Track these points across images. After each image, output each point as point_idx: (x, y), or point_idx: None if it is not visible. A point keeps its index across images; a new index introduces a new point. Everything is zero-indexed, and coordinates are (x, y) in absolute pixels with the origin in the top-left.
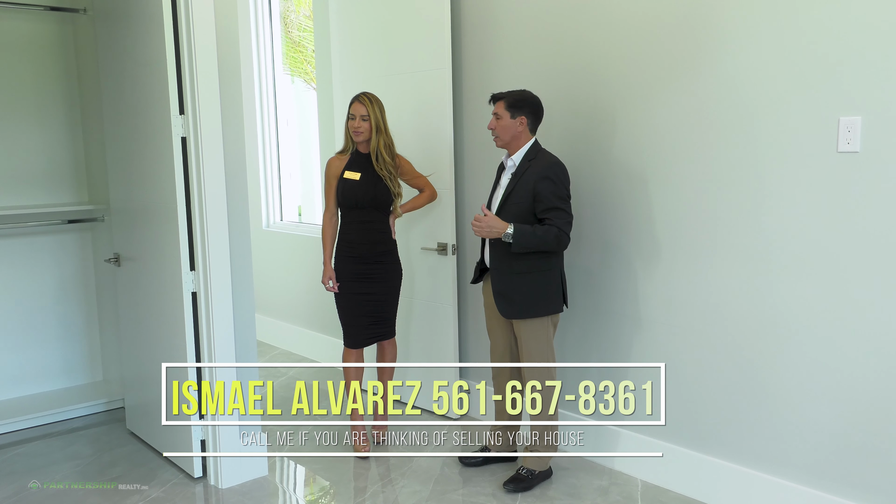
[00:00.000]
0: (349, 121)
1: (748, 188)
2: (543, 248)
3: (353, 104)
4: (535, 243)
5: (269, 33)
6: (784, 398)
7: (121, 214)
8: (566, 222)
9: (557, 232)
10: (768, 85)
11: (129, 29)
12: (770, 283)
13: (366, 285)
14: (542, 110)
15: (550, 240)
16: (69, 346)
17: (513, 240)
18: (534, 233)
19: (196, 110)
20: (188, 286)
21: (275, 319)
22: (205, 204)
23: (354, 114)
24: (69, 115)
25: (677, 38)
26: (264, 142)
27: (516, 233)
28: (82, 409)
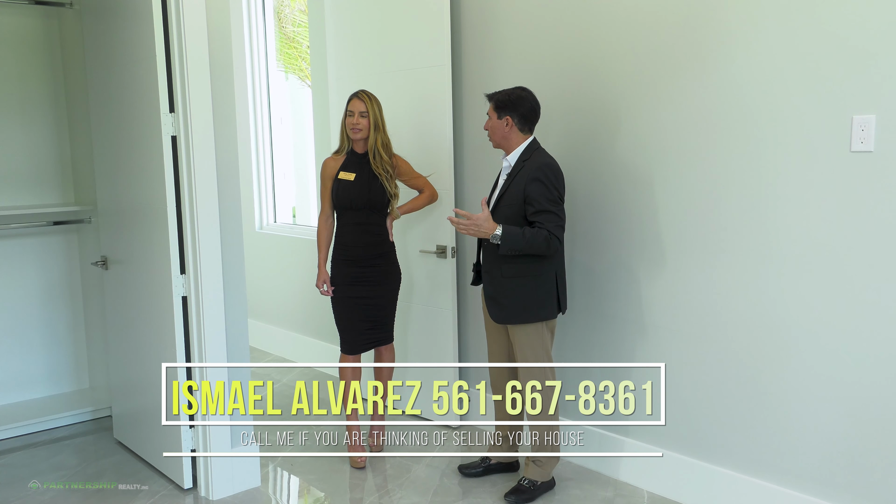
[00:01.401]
0: (347, 118)
1: (757, 189)
2: (532, 251)
3: (352, 101)
4: (523, 246)
5: (263, 28)
6: (799, 408)
7: (108, 216)
8: (557, 226)
9: (547, 235)
10: (779, 82)
11: (117, 23)
12: (781, 288)
13: (362, 289)
14: (535, 109)
15: (539, 243)
16: (54, 352)
17: (500, 241)
18: (522, 235)
19: (187, 108)
20: (178, 290)
21: (268, 325)
22: (195, 205)
23: (353, 110)
24: (55, 112)
25: (684, 34)
26: (257, 141)
27: (504, 234)
28: (68, 417)
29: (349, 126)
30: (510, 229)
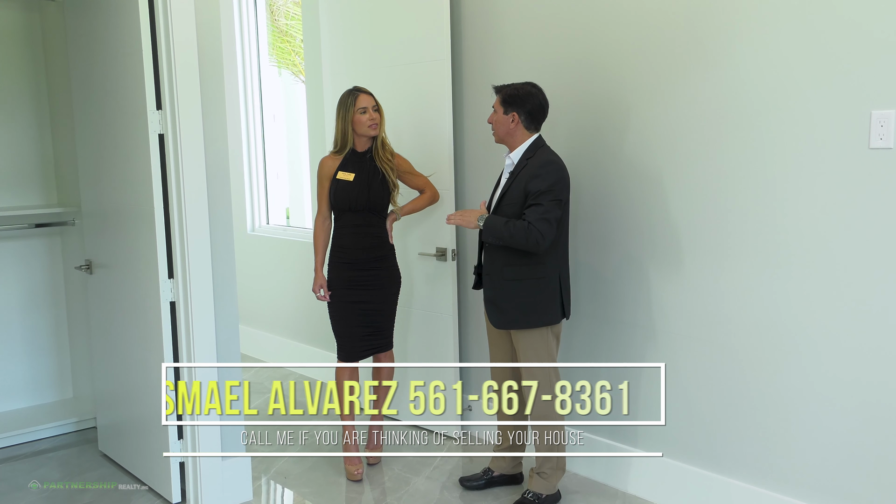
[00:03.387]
0: (357, 115)
1: (771, 188)
2: (513, 242)
3: (359, 97)
4: (502, 235)
5: (254, 22)
6: (825, 421)
7: (93, 218)
8: (540, 218)
9: (527, 226)
10: (794, 77)
11: (101, 15)
12: (802, 292)
13: (360, 293)
14: (543, 107)
15: (518, 233)
16: (36, 360)
17: (483, 228)
18: (504, 224)
19: (174, 105)
20: (166, 295)
21: (260, 331)
22: (184, 206)
23: (365, 106)
24: (36, 109)
25: (694, 27)
26: (249, 139)
27: (486, 222)
28: (50, 429)
29: (366, 123)
30: (493, 218)
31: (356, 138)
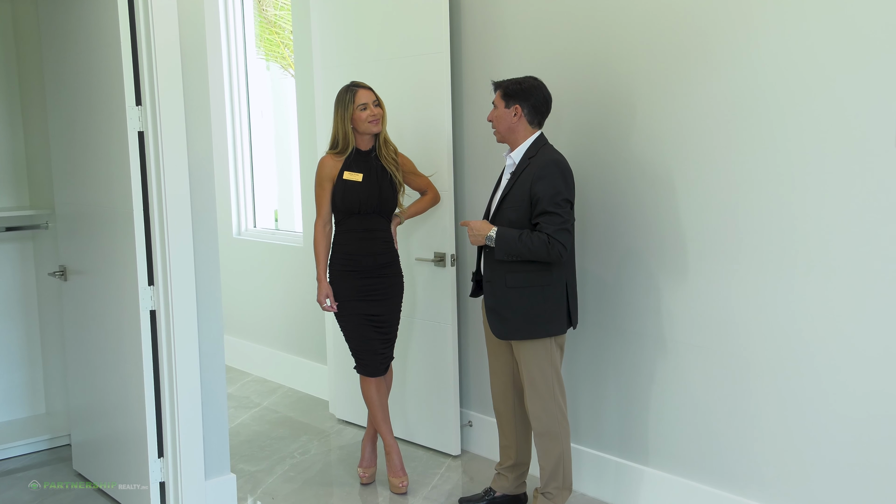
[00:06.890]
0: (357, 112)
1: (788, 189)
2: (531, 257)
3: (358, 93)
4: (519, 250)
5: (241, 12)
6: (839, 437)
7: (67, 221)
8: (560, 228)
9: (546, 240)
10: (812, 69)
11: (77, 5)
12: (822, 300)
13: (372, 305)
14: (547, 101)
15: (538, 247)
16: (7, 373)
17: (494, 244)
18: (519, 238)
19: (155, 100)
20: (146, 303)
21: (246, 341)
22: (165, 208)
23: (365, 101)
24: (8, 107)
25: (705, 19)
26: (235, 136)
27: (498, 237)
28: (21, 446)
29: (366, 119)
30: (505, 231)
31: (358, 137)
